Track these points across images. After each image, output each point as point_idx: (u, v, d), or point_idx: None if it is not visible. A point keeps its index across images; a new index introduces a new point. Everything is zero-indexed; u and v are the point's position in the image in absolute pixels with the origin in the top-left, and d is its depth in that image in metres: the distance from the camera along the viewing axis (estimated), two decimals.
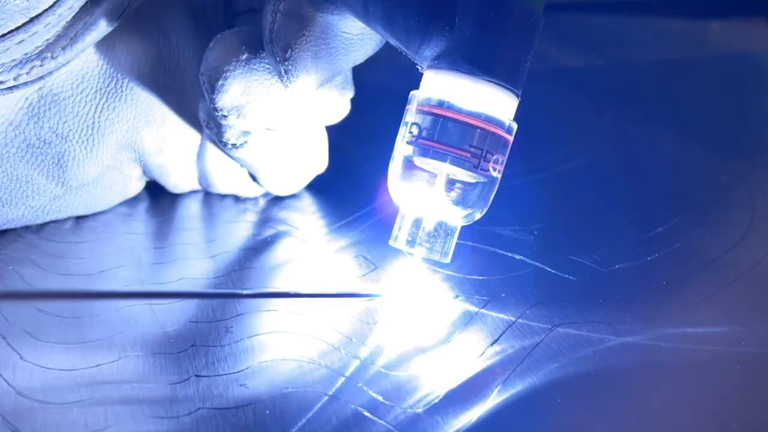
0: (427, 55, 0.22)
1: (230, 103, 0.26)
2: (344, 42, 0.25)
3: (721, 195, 0.34)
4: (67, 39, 0.26)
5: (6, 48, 0.25)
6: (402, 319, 0.25)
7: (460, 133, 0.22)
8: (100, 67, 0.28)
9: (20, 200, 0.29)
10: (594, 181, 0.36)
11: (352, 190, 0.34)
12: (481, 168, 0.22)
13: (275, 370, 0.22)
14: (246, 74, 0.26)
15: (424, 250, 0.24)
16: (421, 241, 0.24)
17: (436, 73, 0.22)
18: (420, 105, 0.23)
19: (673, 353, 0.24)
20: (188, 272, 0.28)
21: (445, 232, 0.24)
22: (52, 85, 0.28)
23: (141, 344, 0.23)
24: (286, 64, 0.25)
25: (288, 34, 0.25)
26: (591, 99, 0.45)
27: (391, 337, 0.24)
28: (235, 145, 0.28)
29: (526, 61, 0.22)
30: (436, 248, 0.24)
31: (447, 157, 0.22)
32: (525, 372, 0.22)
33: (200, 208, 0.33)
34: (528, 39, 0.22)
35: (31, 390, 0.21)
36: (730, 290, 0.27)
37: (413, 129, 0.22)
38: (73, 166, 0.29)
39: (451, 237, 0.24)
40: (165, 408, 0.21)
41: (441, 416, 0.21)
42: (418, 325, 0.25)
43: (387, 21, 0.22)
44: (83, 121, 0.28)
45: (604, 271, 0.28)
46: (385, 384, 0.22)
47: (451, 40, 0.21)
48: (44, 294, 0.25)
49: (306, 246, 0.30)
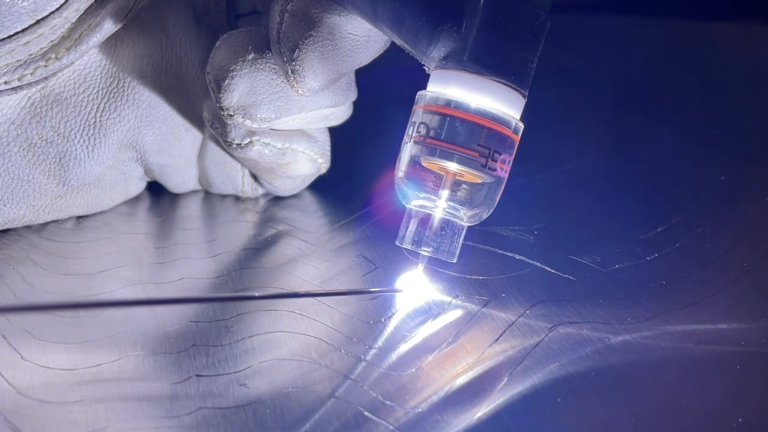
0: (434, 55, 0.22)
1: (236, 102, 0.26)
2: (351, 43, 0.25)
3: (721, 195, 0.34)
4: (71, 40, 0.26)
5: (11, 49, 0.25)
6: (403, 319, 0.25)
7: (468, 132, 0.22)
8: (103, 67, 0.28)
9: (22, 199, 0.29)
10: (594, 181, 0.36)
11: (353, 190, 0.34)
12: (488, 167, 0.22)
13: (276, 369, 0.22)
14: (252, 74, 0.26)
15: (430, 249, 0.24)
16: (428, 240, 0.24)
17: (444, 73, 0.22)
18: (427, 105, 0.23)
19: (673, 353, 0.24)
20: (189, 272, 0.28)
21: (451, 232, 0.24)
22: (55, 84, 0.28)
23: (141, 344, 0.23)
24: (294, 64, 0.25)
25: (296, 34, 0.25)
26: (591, 99, 0.45)
27: (391, 337, 0.24)
28: (240, 145, 0.28)
29: (532, 62, 0.22)
30: (443, 248, 0.24)
31: (454, 156, 0.22)
32: (525, 372, 0.22)
33: (201, 208, 0.33)
34: (535, 40, 0.22)
35: (31, 389, 0.21)
36: (730, 290, 0.27)
37: (421, 129, 0.23)
38: (75, 166, 0.29)
39: (458, 237, 0.24)
40: (165, 407, 0.21)
41: (442, 416, 0.21)
42: (418, 325, 0.25)
43: (395, 22, 0.22)
44: (85, 120, 0.28)
45: (604, 271, 0.28)
46: (386, 384, 0.22)
47: (459, 41, 0.22)
48: (41, 306, 0.25)
49: (306, 246, 0.30)
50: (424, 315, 0.25)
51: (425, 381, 0.22)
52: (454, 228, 0.24)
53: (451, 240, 0.24)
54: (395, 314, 0.25)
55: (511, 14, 0.22)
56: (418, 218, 0.24)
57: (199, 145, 0.32)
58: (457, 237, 0.24)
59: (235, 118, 0.27)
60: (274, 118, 0.27)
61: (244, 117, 0.27)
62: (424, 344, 0.24)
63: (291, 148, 0.30)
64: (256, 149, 0.29)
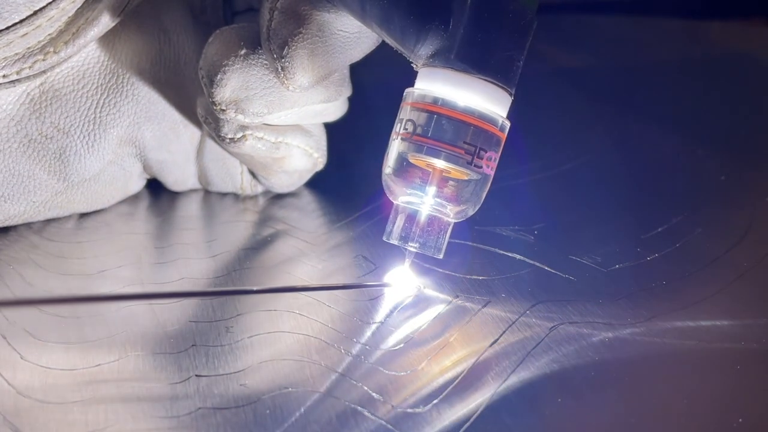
0: (422, 53, 0.22)
1: (228, 97, 0.27)
2: (341, 40, 0.25)
3: (721, 195, 0.34)
4: (69, 34, 0.26)
5: (9, 41, 0.25)
6: (402, 318, 0.25)
7: (454, 130, 0.22)
8: (101, 62, 0.29)
9: (22, 195, 0.29)
10: (594, 181, 0.36)
11: (352, 189, 0.34)
12: (474, 165, 0.23)
13: (275, 369, 0.22)
14: (244, 69, 0.26)
15: (417, 245, 0.24)
16: (415, 236, 0.24)
17: (431, 71, 0.22)
18: (414, 102, 0.23)
19: (674, 353, 0.24)
20: (188, 272, 0.28)
21: (438, 228, 0.24)
22: (54, 80, 0.28)
23: (141, 344, 0.23)
24: (283, 61, 0.25)
25: (285, 31, 0.25)
26: (591, 99, 0.45)
27: (391, 336, 0.24)
28: (233, 139, 0.29)
29: (519, 60, 0.23)
30: (429, 244, 0.24)
31: (441, 153, 0.22)
32: (525, 372, 0.22)
33: (200, 207, 0.33)
34: (521, 38, 0.22)
35: (31, 389, 0.21)
36: (730, 290, 0.27)
37: (408, 126, 0.23)
38: (75, 161, 0.29)
39: (444, 233, 0.24)
40: (165, 407, 0.21)
41: (442, 415, 0.21)
42: (418, 325, 0.25)
43: (383, 20, 0.23)
44: (84, 116, 0.29)
45: (604, 271, 0.28)
46: (386, 383, 0.22)
47: (446, 39, 0.22)
48: (43, 300, 0.25)
49: (305, 245, 0.30)
50: (424, 315, 0.25)
51: (425, 380, 0.22)
52: (440, 224, 0.24)
53: (437, 236, 0.24)
54: (395, 314, 0.25)
55: (498, 13, 0.22)
56: (405, 214, 0.24)
57: (197, 141, 0.32)
58: (443, 233, 0.24)
59: (227, 112, 0.27)
60: (266, 113, 0.27)
61: (236, 112, 0.27)
62: (424, 344, 0.24)
63: (285, 142, 0.30)
64: (249, 143, 0.29)
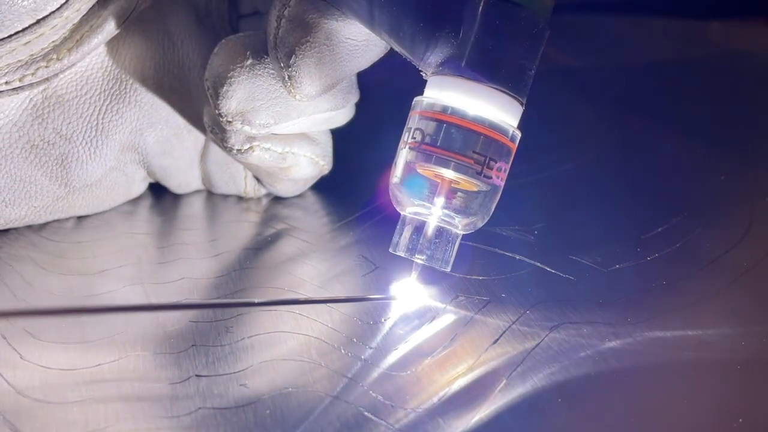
0: (432, 61, 0.22)
1: (235, 109, 0.26)
2: (349, 48, 0.25)
3: (721, 195, 0.34)
4: (73, 41, 0.26)
5: (12, 49, 0.25)
6: (402, 319, 0.25)
7: (464, 139, 0.22)
8: (105, 69, 0.28)
9: (23, 200, 0.29)
10: (594, 181, 0.36)
11: (354, 189, 0.34)
12: (484, 175, 0.22)
13: (275, 369, 0.22)
14: (250, 80, 0.26)
15: (424, 257, 0.23)
16: (422, 248, 0.23)
17: (441, 79, 0.22)
18: (423, 110, 0.22)
19: (674, 353, 0.24)
20: (189, 272, 0.28)
21: (446, 240, 0.23)
22: (57, 86, 0.28)
23: (141, 344, 0.23)
24: (290, 70, 0.25)
25: (292, 40, 0.25)
26: (591, 99, 0.45)
27: (391, 337, 0.24)
28: (240, 150, 0.28)
29: (531, 69, 0.22)
30: (437, 256, 0.23)
31: (450, 163, 0.22)
32: (525, 372, 0.22)
33: (202, 207, 0.33)
34: (533, 47, 0.22)
35: (31, 389, 0.21)
36: (730, 290, 0.27)
37: (416, 135, 0.22)
38: (77, 168, 0.29)
39: (452, 245, 0.24)
40: (165, 407, 0.21)
41: (442, 417, 0.21)
42: (418, 326, 0.25)
43: (393, 28, 0.22)
44: (87, 122, 0.28)
45: (604, 271, 0.28)
46: (386, 384, 0.22)
47: (456, 47, 0.21)
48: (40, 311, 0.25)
49: (307, 246, 0.30)
50: (424, 316, 0.25)
51: (425, 382, 0.22)
52: (448, 236, 0.23)
53: (445, 248, 0.23)
54: (395, 315, 0.25)
55: (510, 21, 0.21)
56: (413, 225, 0.23)
57: (201, 146, 0.32)
58: (451, 245, 0.23)
59: (234, 124, 0.27)
60: (273, 124, 0.27)
61: (242, 123, 0.27)
62: (424, 345, 0.24)
63: (292, 152, 0.30)
64: (256, 154, 0.29)
